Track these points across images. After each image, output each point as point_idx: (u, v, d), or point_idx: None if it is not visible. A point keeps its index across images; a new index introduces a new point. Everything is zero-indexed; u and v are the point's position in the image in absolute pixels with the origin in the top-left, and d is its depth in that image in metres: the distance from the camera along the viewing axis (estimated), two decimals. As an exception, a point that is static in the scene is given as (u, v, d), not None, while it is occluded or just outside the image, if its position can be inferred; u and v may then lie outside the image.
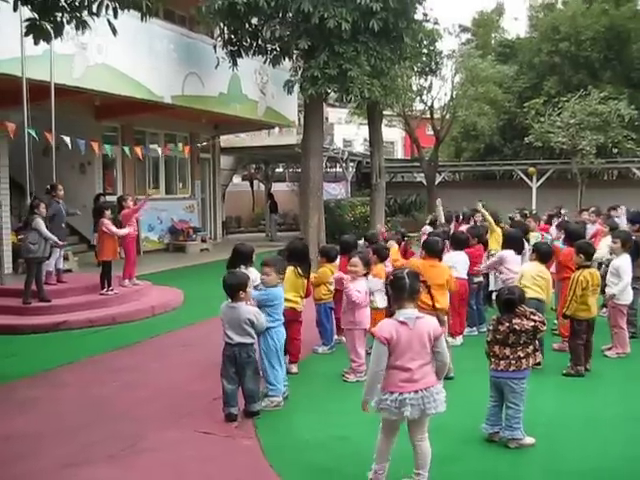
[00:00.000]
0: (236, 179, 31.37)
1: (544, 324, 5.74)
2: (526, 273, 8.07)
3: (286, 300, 7.10)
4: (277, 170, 32.63)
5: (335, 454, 5.46)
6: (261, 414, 6.29)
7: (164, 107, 17.79)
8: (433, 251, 8.21)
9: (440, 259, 8.30)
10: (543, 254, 8.27)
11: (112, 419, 6.36)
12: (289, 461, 5.34)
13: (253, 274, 7.07)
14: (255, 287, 6.73)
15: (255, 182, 33.73)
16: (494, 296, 7.18)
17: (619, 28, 29.99)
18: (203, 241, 22.34)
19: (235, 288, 6.16)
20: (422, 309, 5.47)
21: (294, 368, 7.75)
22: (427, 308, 5.65)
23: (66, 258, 13.74)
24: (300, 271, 7.76)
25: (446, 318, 8.09)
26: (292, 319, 7.55)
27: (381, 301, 8.12)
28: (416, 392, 4.58)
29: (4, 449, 5.71)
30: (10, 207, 14.83)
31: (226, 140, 26.29)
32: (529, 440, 5.57)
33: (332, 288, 8.60)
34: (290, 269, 7.47)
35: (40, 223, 10.99)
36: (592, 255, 8.20)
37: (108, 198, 17.83)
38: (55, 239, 11.26)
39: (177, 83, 17.45)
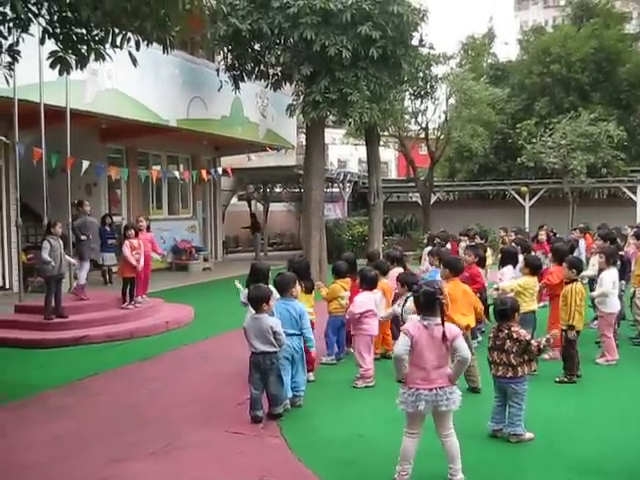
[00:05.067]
0: (234, 199, 31.83)
1: (539, 350, 6.27)
2: (525, 289, 8.73)
3: None
4: (275, 190, 33.11)
5: (355, 449, 6.02)
6: (283, 416, 6.84)
7: (168, 130, 18.34)
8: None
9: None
10: (535, 267, 9.01)
11: (146, 423, 6.90)
12: (314, 455, 5.90)
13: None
14: None
15: (253, 202, 34.22)
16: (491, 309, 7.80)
17: (608, 50, 30.69)
18: (205, 260, 22.84)
19: (259, 300, 6.75)
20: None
21: (311, 376, 8.23)
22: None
23: (75, 277, 14.16)
24: (306, 286, 8.42)
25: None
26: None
27: (380, 312, 8.79)
28: (430, 390, 5.15)
29: (54, 448, 6.23)
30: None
31: (226, 161, 26.75)
32: (529, 435, 6.17)
33: (343, 302, 9.14)
34: None
35: (44, 247, 11.39)
36: (581, 269, 8.86)
37: (114, 219, 18.35)
38: (48, 259, 11.23)
39: (182, 107, 18.03)
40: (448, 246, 13.43)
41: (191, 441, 6.28)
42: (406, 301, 8.32)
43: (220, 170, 21.59)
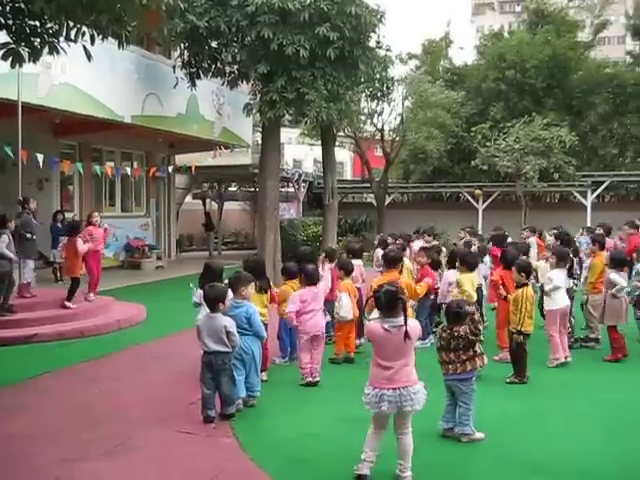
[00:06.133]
0: (188, 198, 31.63)
1: (475, 334, 6.30)
2: (467, 282, 9.28)
3: None
4: (230, 189, 32.98)
5: (308, 448, 6.02)
6: (236, 416, 6.79)
7: (123, 126, 18.13)
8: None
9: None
10: (471, 264, 9.61)
11: (99, 421, 6.80)
12: (267, 455, 5.87)
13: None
14: None
15: (208, 200, 34.04)
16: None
17: (560, 57, 31.25)
18: (158, 258, 22.63)
19: (215, 300, 6.69)
20: None
21: (264, 376, 8.16)
22: None
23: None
24: (260, 286, 8.28)
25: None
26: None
27: (347, 313, 8.94)
28: (394, 390, 5.15)
29: (5, 447, 6.12)
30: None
31: (180, 159, 26.54)
32: (479, 435, 6.23)
33: None
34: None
35: (2, 240, 11.19)
36: (531, 273, 8.99)
37: (65, 215, 18.05)
38: (10, 256, 11.32)
39: (137, 103, 17.84)
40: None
41: (143, 441, 6.22)
42: (366, 304, 8.22)
43: (170, 168, 21.40)
